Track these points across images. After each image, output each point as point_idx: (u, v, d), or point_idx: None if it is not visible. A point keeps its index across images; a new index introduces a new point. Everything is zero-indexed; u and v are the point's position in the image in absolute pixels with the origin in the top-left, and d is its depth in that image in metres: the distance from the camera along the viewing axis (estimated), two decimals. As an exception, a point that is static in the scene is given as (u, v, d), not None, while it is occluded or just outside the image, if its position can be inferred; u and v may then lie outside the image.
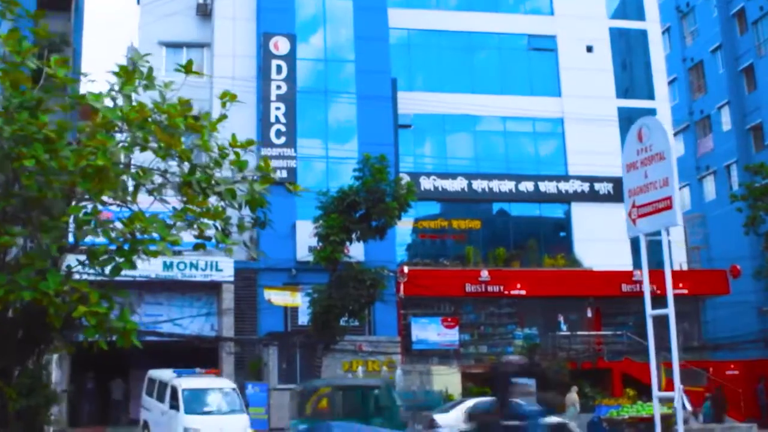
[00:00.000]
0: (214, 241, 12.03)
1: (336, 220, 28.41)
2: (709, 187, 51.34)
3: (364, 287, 28.69)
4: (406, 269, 33.45)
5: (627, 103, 40.28)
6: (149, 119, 11.13)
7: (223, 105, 12.78)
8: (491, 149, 38.51)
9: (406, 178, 33.51)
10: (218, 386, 25.76)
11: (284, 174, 33.86)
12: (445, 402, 29.32)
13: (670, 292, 14.16)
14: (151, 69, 12.42)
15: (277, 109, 34.38)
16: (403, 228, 36.28)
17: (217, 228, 11.95)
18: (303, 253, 32.49)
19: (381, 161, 28.48)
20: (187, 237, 11.74)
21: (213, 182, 11.84)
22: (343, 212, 28.63)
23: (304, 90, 34.97)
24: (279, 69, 34.77)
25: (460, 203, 37.83)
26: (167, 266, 31.27)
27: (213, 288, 32.20)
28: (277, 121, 34.25)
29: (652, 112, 40.31)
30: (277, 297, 29.72)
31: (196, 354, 33.79)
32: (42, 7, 34.80)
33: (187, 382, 25.11)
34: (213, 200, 11.92)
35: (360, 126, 35.11)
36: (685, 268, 38.67)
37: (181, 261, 31.31)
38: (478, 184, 37.13)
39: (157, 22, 36.77)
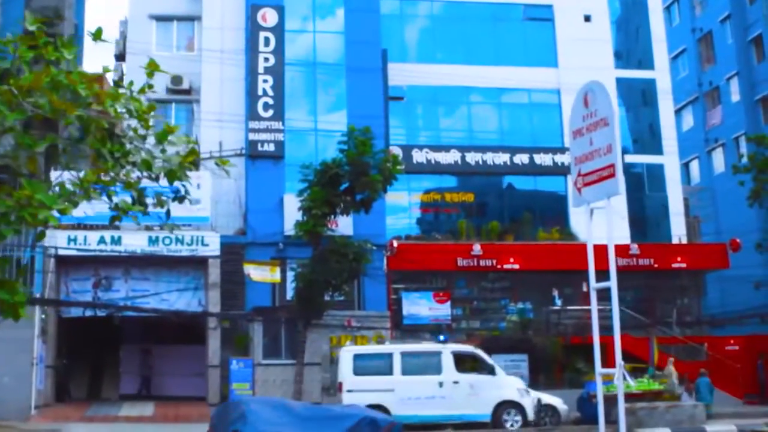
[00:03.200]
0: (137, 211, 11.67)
1: (318, 194, 28.07)
2: (718, 159, 50.41)
3: (346, 261, 28.38)
4: (395, 243, 32.96)
5: (626, 74, 39.47)
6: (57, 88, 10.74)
7: (149, 75, 12.25)
8: (486, 121, 37.82)
9: (397, 151, 33.09)
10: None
11: (272, 147, 33.49)
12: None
13: (612, 265, 13.59)
14: (71, 38, 11.97)
15: (265, 81, 33.87)
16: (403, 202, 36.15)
17: (133, 198, 11.58)
18: (291, 227, 32.07)
19: (365, 133, 28.04)
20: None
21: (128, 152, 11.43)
22: (326, 185, 28.27)
23: (293, 62, 34.46)
24: (267, 41, 34.23)
25: (453, 176, 37.29)
26: (153, 241, 31.12)
27: (200, 263, 31.95)
28: (265, 94, 33.75)
29: (651, 82, 39.60)
30: (256, 272, 29.34)
31: (185, 329, 33.70)
32: (36, -18, 34.67)
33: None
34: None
35: (349, 98, 34.54)
36: (684, 241, 37.97)
37: (167, 236, 31.09)
38: (472, 157, 36.48)
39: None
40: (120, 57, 38.41)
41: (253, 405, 11.32)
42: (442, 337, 27.10)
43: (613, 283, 13.49)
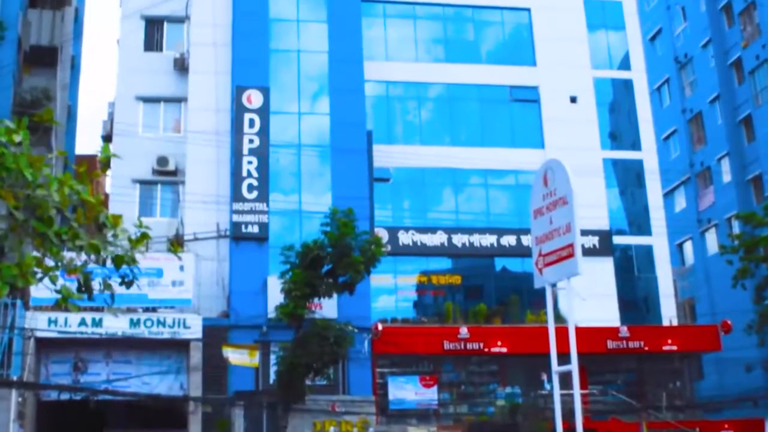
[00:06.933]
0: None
1: (299, 276, 27.72)
2: (712, 240, 50.10)
3: (327, 344, 27.90)
4: (380, 326, 32.53)
5: (613, 155, 39.39)
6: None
7: (103, 159, 12.10)
8: (472, 203, 37.63)
9: (382, 233, 32.87)
10: None
11: (256, 229, 33.26)
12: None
13: (573, 348, 13.27)
14: (24, 121, 11.82)
15: (249, 163, 33.83)
16: (389, 284, 35.78)
17: (79, 282, 11.30)
18: (274, 310, 31.72)
19: (348, 215, 27.83)
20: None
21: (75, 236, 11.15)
22: (307, 267, 27.95)
23: (277, 143, 34.48)
24: (251, 122, 34.29)
25: (440, 258, 36.96)
26: (134, 323, 30.73)
27: (182, 346, 31.48)
28: (249, 175, 33.68)
29: (638, 163, 39.48)
30: (235, 356, 28.88)
31: (168, 413, 33.04)
32: (27, 63, 34.92)
33: None
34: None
35: (334, 179, 34.47)
36: (675, 323, 37.43)
37: (148, 318, 30.79)
38: (459, 239, 36.20)
39: (134, 77, 36.62)
40: (107, 138, 38.48)
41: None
42: None
43: (574, 367, 13.20)
